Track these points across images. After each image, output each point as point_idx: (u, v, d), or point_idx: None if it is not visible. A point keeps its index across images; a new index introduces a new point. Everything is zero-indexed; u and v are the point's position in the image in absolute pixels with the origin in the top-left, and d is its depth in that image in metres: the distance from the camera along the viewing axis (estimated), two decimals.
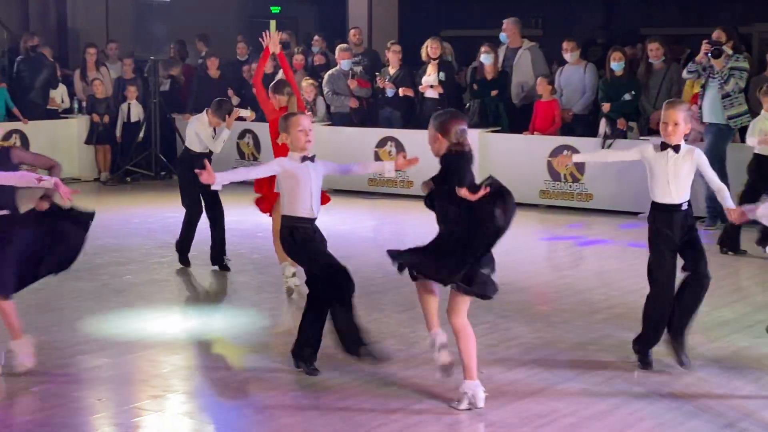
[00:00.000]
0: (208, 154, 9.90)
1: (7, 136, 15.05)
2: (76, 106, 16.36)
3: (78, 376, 6.89)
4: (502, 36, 14.35)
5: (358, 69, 15.19)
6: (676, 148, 6.74)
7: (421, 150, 7.12)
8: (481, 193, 5.89)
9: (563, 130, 13.72)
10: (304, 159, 6.74)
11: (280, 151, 8.89)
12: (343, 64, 14.96)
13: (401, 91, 14.49)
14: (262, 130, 15.58)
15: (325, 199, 9.48)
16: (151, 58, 16.26)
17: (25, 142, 15.36)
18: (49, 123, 15.93)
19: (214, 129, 10.10)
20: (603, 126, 13.09)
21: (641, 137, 12.95)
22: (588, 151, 13.02)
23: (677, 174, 6.75)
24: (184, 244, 10.14)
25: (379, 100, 14.97)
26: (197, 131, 10.06)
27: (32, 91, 15.94)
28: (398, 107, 14.73)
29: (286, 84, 9.40)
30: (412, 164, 7.12)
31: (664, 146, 6.77)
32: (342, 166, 7.13)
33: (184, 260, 10.14)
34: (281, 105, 9.21)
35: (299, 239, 6.70)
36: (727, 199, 6.79)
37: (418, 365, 6.94)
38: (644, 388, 6.58)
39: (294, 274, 8.86)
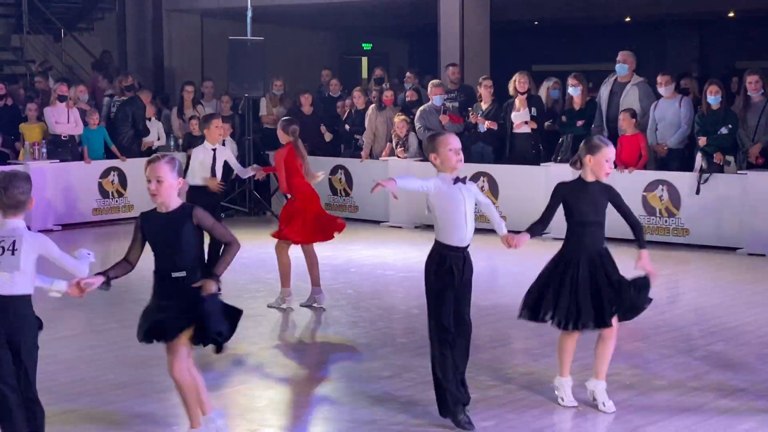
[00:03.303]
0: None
1: (106, 173, 15.38)
2: (172, 143, 16.64)
3: (174, 410, 6.96)
4: (620, 67, 14.07)
5: (450, 105, 15.22)
6: None
7: (512, 184, 7.09)
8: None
9: (658, 165, 13.55)
10: (456, 181, 6.34)
11: (297, 189, 9.55)
12: (435, 99, 15.00)
13: (486, 124, 14.48)
14: (354, 165, 15.69)
15: (339, 226, 9.78)
16: (245, 95, 16.49)
17: (123, 179, 15.67)
18: (146, 160, 16.18)
19: (214, 155, 10.43)
20: (699, 160, 12.90)
21: (739, 171, 12.75)
22: (684, 185, 12.84)
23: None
24: None
25: (471, 135, 14.96)
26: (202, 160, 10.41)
27: (127, 132, 16.22)
28: (490, 142, 14.71)
29: (293, 123, 9.96)
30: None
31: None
32: (485, 198, 6.79)
33: None
34: (287, 141, 9.77)
35: (442, 271, 6.32)
36: None
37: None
38: (747, 426, 6.43)
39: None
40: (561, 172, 13.68)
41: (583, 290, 6.54)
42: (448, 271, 6.30)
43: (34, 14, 19.89)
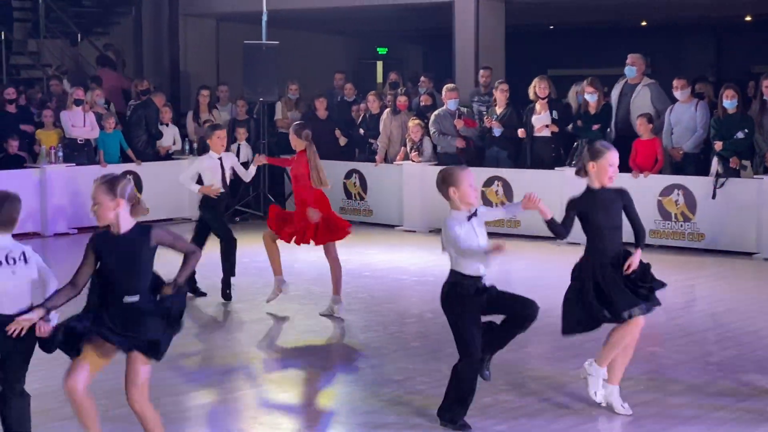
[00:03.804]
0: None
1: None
2: (187, 147, 16.68)
3: (188, 413, 6.98)
4: (629, 69, 14.10)
5: (465, 109, 15.21)
6: None
7: (527, 188, 7.07)
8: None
9: (673, 169, 13.52)
10: (470, 217, 6.33)
11: (305, 195, 9.54)
12: (450, 103, 14.99)
13: (494, 125, 14.46)
14: (369, 169, 15.70)
15: (343, 233, 9.73)
16: (260, 99, 16.52)
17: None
18: (161, 164, 16.26)
19: (221, 164, 10.54)
20: (715, 165, 12.86)
21: (755, 176, 12.70)
22: (700, 189, 12.81)
23: None
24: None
25: (486, 140, 14.95)
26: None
27: (142, 136, 16.26)
28: (505, 146, 14.69)
29: (306, 127, 9.94)
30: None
31: None
32: (493, 213, 6.89)
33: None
34: (299, 148, 9.74)
35: (459, 295, 6.33)
36: None
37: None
38: (763, 431, 6.41)
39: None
40: (575, 175, 13.67)
41: (609, 287, 6.54)
42: (465, 294, 6.31)
43: (51, 19, 19.97)
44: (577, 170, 6.88)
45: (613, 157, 6.69)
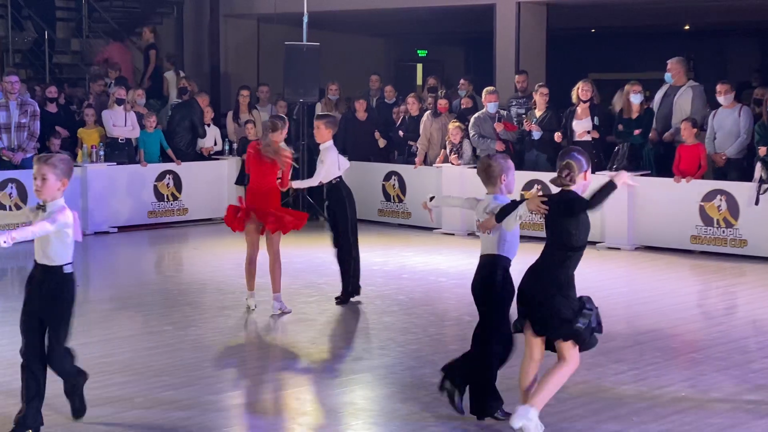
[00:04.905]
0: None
1: (161, 176, 15.54)
2: (227, 147, 16.73)
3: (228, 413, 6.99)
4: (667, 76, 14.09)
5: (504, 112, 15.16)
6: None
7: None
8: None
9: (717, 174, 13.39)
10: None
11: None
12: (490, 106, 14.94)
13: (533, 128, 14.40)
14: (408, 171, 15.67)
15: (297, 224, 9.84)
16: (301, 101, 16.54)
17: (178, 182, 15.78)
18: (201, 164, 16.32)
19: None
20: (759, 170, 12.71)
21: None
22: (743, 195, 12.68)
23: None
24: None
25: (525, 143, 14.89)
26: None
27: (183, 136, 16.33)
28: (544, 150, 14.62)
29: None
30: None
31: None
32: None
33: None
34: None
35: (507, 283, 6.56)
36: None
37: None
38: None
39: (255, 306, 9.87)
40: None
41: None
42: (510, 282, 6.58)
43: (94, 18, 20.13)
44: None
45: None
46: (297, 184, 10.75)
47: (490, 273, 6.61)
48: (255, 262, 9.97)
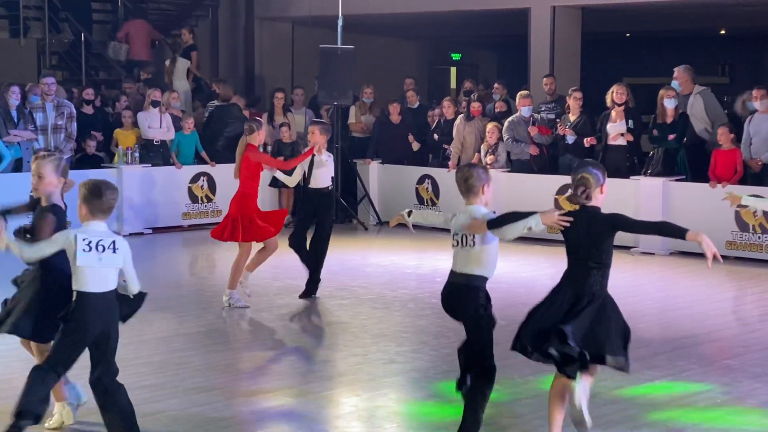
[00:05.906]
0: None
1: (196, 178, 15.62)
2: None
3: (259, 415, 7.02)
4: (675, 84, 14.08)
5: (546, 116, 15.13)
6: None
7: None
8: None
9: (753, 180, 13.30)
10: None
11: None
12: (524, 110, 14.91)
13: (567, 133, 14.36)
14: (442, 175, 15.66)
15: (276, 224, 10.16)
16: (335, 104, 16.57)
17: (212, 184, 15.85)
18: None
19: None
20: None
21: None
22: None
23: None
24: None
25: (559, 147, 14.85)
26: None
27: (221, 139, 16.39)
28: (578, 154, 14.56)
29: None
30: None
31: None
32: None
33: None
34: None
35: (489, 308, 6.34)
36: None
37: None
38: None
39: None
40: (651, 185, 13.55)
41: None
42: (490, 304, 6.37)
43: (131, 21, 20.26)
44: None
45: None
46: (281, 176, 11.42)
47: (473, 297, 6.34)
48: (246, 261, 10.22)
